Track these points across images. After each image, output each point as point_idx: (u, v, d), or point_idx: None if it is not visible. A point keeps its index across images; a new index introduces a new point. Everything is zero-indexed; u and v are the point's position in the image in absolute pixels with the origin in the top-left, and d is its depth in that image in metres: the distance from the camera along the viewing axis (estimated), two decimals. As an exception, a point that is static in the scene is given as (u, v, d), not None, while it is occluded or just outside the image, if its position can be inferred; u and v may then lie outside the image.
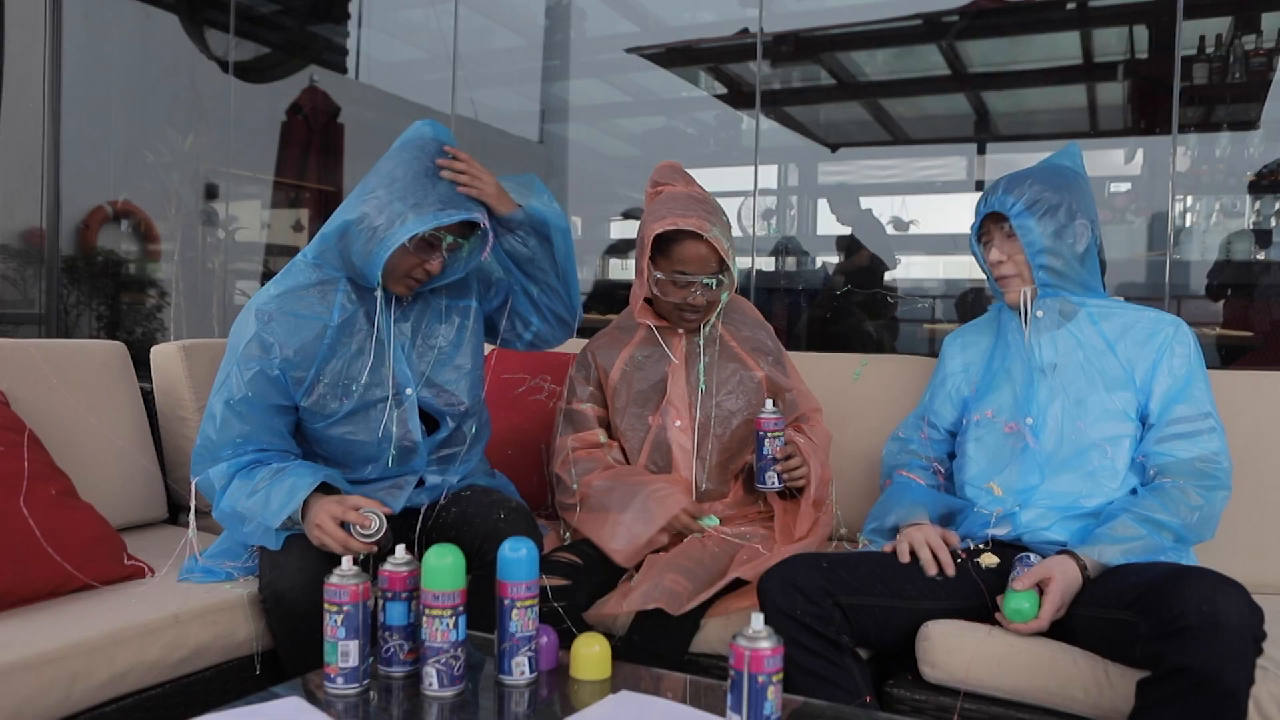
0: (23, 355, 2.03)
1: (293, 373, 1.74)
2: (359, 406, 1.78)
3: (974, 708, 1.57)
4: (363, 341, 1.78)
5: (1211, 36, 3.54)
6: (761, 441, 1.86)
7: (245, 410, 1.72)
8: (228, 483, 1.72)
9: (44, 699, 1.43)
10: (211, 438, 1.74)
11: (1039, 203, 1.67)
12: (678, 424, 1.95)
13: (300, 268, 1.80)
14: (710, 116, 5.24)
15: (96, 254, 4.93)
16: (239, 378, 1.72)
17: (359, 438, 1.80)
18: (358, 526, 1.61)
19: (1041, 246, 1.68)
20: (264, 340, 1.72)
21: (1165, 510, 1.58)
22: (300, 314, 1.75)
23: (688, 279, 1.85)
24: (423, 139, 1.74)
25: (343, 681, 1.30)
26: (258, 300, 1.77)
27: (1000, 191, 1.71)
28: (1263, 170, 3.61)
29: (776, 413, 1.87)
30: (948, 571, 1.64)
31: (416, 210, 1.63)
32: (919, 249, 4.76)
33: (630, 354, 2.00)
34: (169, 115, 5.08)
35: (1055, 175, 1.72)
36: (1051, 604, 1.51)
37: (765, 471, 1.86)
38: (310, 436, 1.83)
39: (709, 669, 1.72)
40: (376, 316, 1.78)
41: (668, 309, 1.93)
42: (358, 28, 5.32)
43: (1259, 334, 3.42)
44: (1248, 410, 1.92)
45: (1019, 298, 1.74)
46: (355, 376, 1.77)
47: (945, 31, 4.08)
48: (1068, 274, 1.71)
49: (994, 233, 1.75)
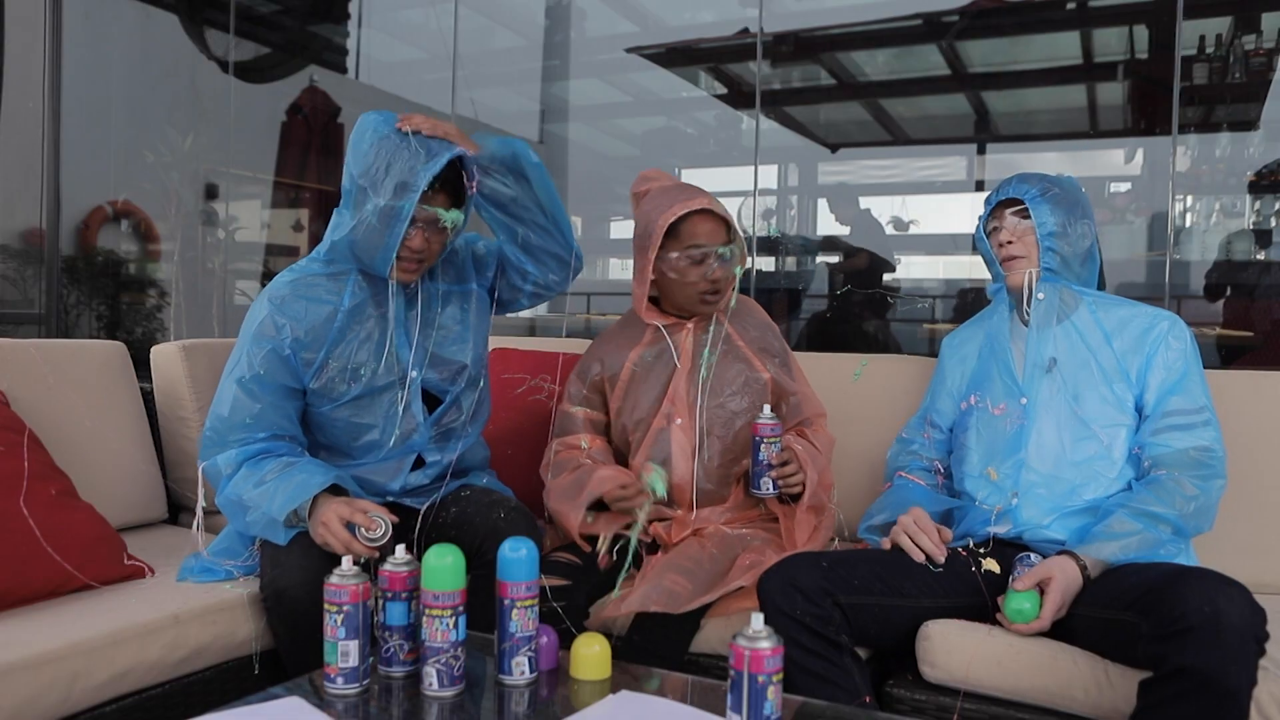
0: (23, 355, 2.03)
1: (303, 353, 1.77)
2: (366, 391, 1.81)
3: (974, 708, 1.57)
4: (371, 328, 1.81)
5: (1211, 36, 3.54)
6: (757, 447, 1.85)
7: (257, 389, 1.75)
8: (234, 470, 1.73)
9: (44, 699, 1.43)
10: (222, 417, 1.75)
11: (1052, 192, 1.75)
12: (678, 423, 1.94)
13: (312, 262, 1.85)
14: (710, 116, 5.24)
15: (96, 254, 4.93)
16: (251, 357, 1.75)
17: (364, 420, 1.83)
18: (363, 529, 1.61)
19: (1052, 230, 1.74)
20: (276, 321, 1.76)
21: (1160, 503, 1.58)
22: (312, 297, 1.79)
23: (703, 251, 1.85)
24: (373, 126, 1.73)
25: (343, 681, 1.30)
26: (271, 287, 1.82)
27: (1015, 182, 1.79)
28: (1263, 170, 3.61)
29: (773, 418, 1.86)
30: (935, 557, 1.65)
31: (404, 185, 1.65)
32: (919, 249, 4.77)
33: (639, 354, 1.99)
34: (169, 115, 5.08)
35: (1062, 182, 1.80)
36: (1052, 604, 1.52)
37: (760, 477, 1.86)
38: (315, 421, 1.85)
39: (709, 669, 1.72)
40: (388, 304, 1.81)
41: (687, 295, 1.91)
42: (358, 28, 5.32)
43: (1259, 334, 3.42)
44: (1248, 410, 1.92)
45: (1023, 279, 1.76)
46: (364, 361, 1.80)
47: (945, 31, 4.08)
48: (1071, 266, 1.76)
49: (1004, 219, 1.79)
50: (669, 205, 1.85)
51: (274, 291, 1.80)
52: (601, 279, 5.81)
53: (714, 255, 1.86)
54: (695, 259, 1.86)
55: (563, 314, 4.60)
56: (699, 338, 1.98)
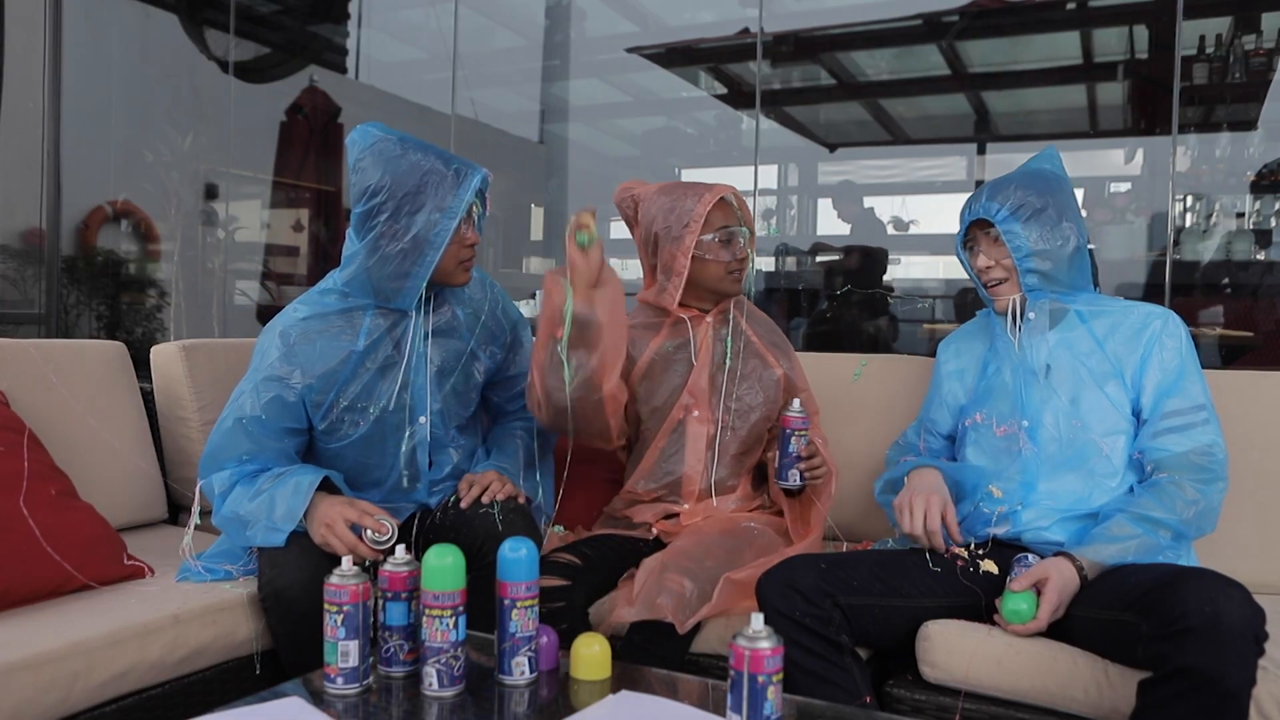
0: (23, 355, 2.02)
1: (313, 397, 1.75)
2: (374, 430, 1.80)
3: (974, 708, 1.57)
4: (384, 363, 1.79)
5: (1211, 36, 3.54)
6: (788, 439, 1.87)
7: (255, 430, 1.73)
8: (229, 489, 1.73)
9: (44, 699, 1.43)
10: (220, 446, 1.75)
11: (1024, 207, 1.68)
12: (696, 414, 1.98)
13: (329, 294, 1.81)
14: (710, 116, 5.24)
15: (96, 254, 4.94)
16: (254, 399, 1.73)
17: (370, 460, 1.82)
18: (370, 531, 1.61)
19: (1029, 251, 1.68)
20: (287, 365, 1.74)
21: (1161, 508, 1.58)
22: (326, 338, 1.76)
23: (730, 231, 1.94)
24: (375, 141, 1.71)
25: (343, 681, 1.30)
26: (284, 320, 1.78)
27: (984, 198, 1.71)
28: (1263, 170, 3.61)
29: (803, 412, 1.89)
30: (934, 542, 1.66)
31: (439, 203, 1.67)
32: (919, 249, 4.77)
33: (660, 344, 2.01)
34: (169, 115, 5.08)
35: (1037, 179, 1.72)
36: (1049, 605, 1.51)
37: (789, 469, 1.87)
38: (321, 456, 1.84)
39: (709, 669, 1.72)
40: (407, 339, 1.79)
41: (717, 275, 1.95)
42: (358, 28, 5.32)
43: (1260, 334, 3.42)
44: (1248, 410, 1.91)
45: (1008, 304, 1.74)
46: (374, 399, 1.78)
47: (945, 31, 4.09)
48: (1056, 276, 1.70)
49: (980, 239, 1.75)
50: (698, 195, 1.92)
51: (287, 329, 1.76)
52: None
53: (739, 234, 1.96)
54: (725, 239, 1.94)
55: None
56: (717, 331, 2.02)
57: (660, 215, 1.95)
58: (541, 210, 5.64)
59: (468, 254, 1.76)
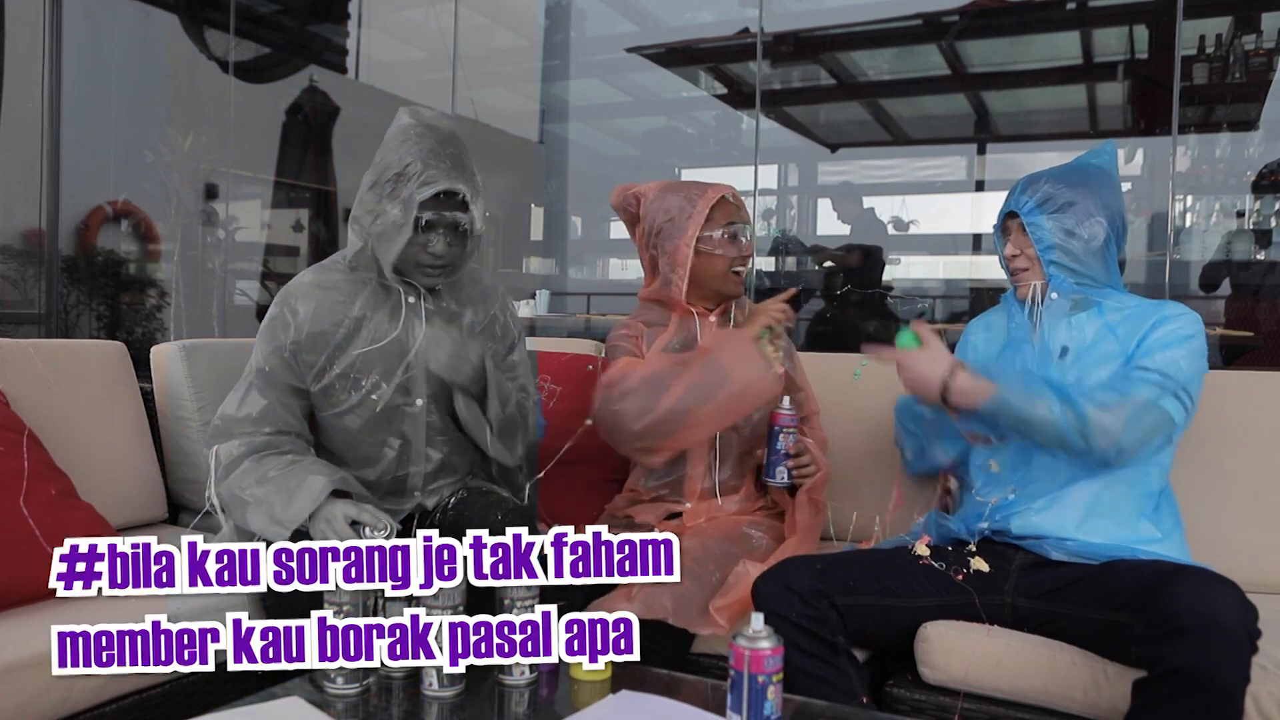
0: (22, 355, 2.02)
1: (304, 355, 1.77)
2: (366, 401, 1.80)
3: (973, 708, 1.57)
4: (381, 337, 1.80)
5: (1211, 36, 3.54)
6: (776, 436, 1.88)
7: (263, 384, 1.77)
8: (237, 462, 1.73)
9: (44, 699, 1.43)
10: (229, 413, 1.77)
11: (1050, 201, 1.71)
12: None
13: (337, 263, 1.85)
14: (710, 116, 5.25)
15: (96, 254, 4.94)
16: (261, 351, 1.78)
17: (363, 435, 1.81)
18: (367, 528, 1.61)
19: (1051, 243, 1.71)
20: (284, 319, 1.77)
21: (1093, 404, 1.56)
22: (325, 295, 1.79)
23: (734, 228, 1.97)
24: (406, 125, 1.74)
25: (343, 681, 1.30)
26: (290, 283, 1.83)
27: (1018, 191, 1.77)
28: (1263, 170, 3.61)
29: (792, 409, 1.90)
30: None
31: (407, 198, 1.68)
32: (919, 249, 4.77)
33: (666, 342, 2.01)
34: (169, 115, 5.09)
35: (1076, 173, 1.75)
36: (928, 334, 1.67)
37: (776, 466, 1.88)
38: (319, 424, 1.85)
39: (709, 669, 1.72)
40: (403, 316, 1.80)
41: (720, 271, 1.96)
42: (358, 28, 5.32)
43: (1260, 334, 3.43)
44: (1248, 410, 1.91)
45: (1029, 291, 1.76)
46: (368, 372, 1.79)
47: (945, 31, 4.09)
48: (1081, 270, 1.72)
49: (1012, 228, 1.79)
50: (700, 191, 1.95)
51: (290, 288, 1.82)
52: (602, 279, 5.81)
53: (743, 231, 1.98)
54: (731, 235, 1.96)
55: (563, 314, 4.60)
56: (720, 330, 2.02)
57: (664, 209, 1.97)
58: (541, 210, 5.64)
59: (430, 259, 1.73)
